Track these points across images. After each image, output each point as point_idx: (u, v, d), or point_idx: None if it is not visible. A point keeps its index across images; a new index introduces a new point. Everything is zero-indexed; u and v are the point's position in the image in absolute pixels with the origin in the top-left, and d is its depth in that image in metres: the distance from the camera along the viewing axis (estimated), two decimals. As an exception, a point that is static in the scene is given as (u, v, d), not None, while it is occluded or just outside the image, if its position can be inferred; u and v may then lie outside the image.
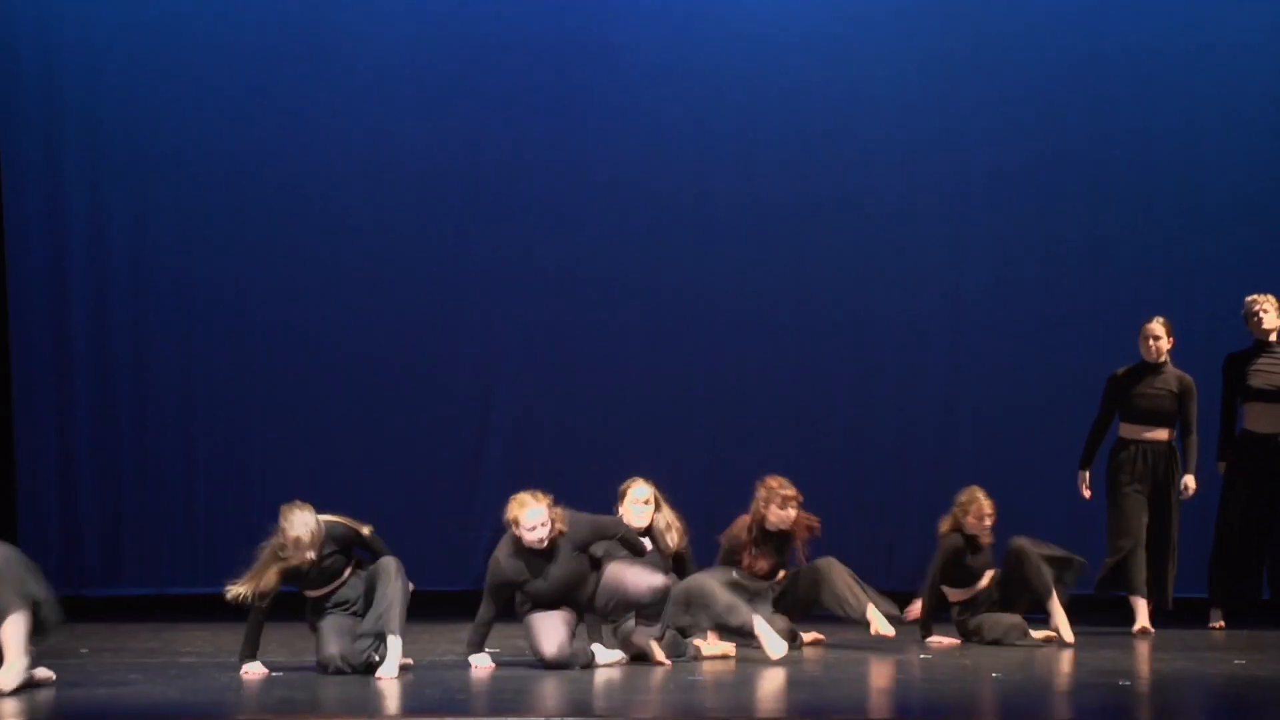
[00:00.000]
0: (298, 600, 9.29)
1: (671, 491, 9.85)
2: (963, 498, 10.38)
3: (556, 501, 9.10)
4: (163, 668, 9.20)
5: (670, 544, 9.64)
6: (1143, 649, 10.33)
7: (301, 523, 8.92)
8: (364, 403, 12.31)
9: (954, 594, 10.53)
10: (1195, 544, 11.41)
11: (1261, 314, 11.10)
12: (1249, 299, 11.13)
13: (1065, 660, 9.72)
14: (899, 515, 12.22)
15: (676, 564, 9.73)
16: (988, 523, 10.38)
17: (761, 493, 10.03)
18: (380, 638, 8.81)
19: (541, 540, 9.02)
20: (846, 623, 10.28)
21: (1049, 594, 10.26)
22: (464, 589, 12.32)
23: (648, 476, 9.74)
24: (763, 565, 10.10)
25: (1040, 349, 12.43)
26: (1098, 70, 12.48)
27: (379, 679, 8.65)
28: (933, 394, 12.27)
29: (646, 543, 9.49)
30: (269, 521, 12.19)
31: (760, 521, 10.05)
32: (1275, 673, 9.20)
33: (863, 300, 12.49)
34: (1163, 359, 10.96)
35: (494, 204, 12.52)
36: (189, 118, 12.38)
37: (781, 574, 10.18)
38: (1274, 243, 12.25)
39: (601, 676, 8.81)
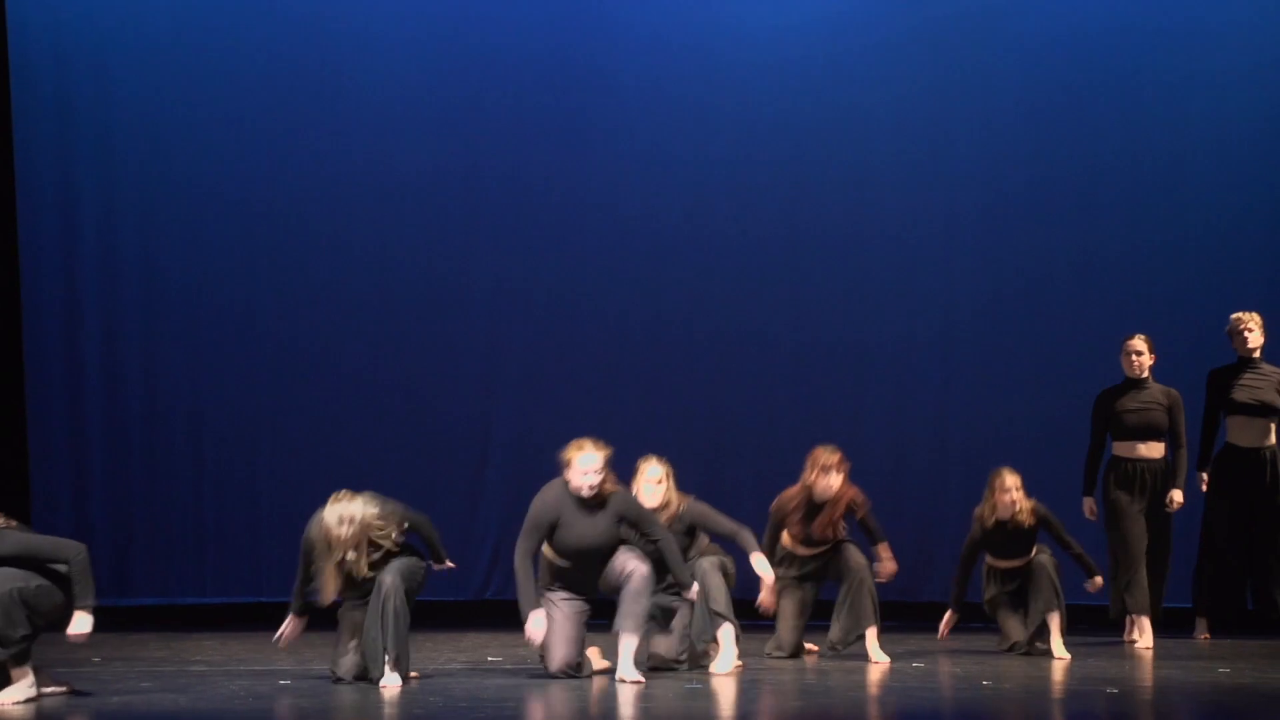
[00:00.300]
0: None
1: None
2: (991, 480, 10.45)
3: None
4: (173, 676, 9.26)
5: (673, 509, 9.59)
6: (1131, 659, 10.35)
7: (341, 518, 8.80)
8: (369, 420, 12.37)
9: (996, 563, 10.60)
10: (1180, 555, 11.45)
11: (1246, 332, 11.12)
12: (1234, 316, 11.16)
13: (1055, 669, 9.75)
14: (892, 534, 12.23)
15: (689, 531, 9.66)
16: (1009, 498, 10.36)
17: (808, 462, 10.03)
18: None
19: (591, 489, 8.94)
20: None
21: (1050, 610, 10.35)
22: (466, 599, 12.46)
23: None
24: (811, 533, 10.08)
25: (1031, 369, 12.43)
26: (1086, 98, 12.53)
27: (383, 687, 8.73)
28: (925, 414, 12.27)
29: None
30: (273, 535, 12.35)
31: (808, 490, 10.05)
32: (1259, 680, 9.25)
33: (857, 322, 12.49)
34: (1145, 374, 10.98)
35: (495, 228, 12.60)
36: (199, 143, 12.46)
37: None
38: (1257, 264, 12.29)
39: (602, 686, 8.84)
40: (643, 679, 8.94)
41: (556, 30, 12.60)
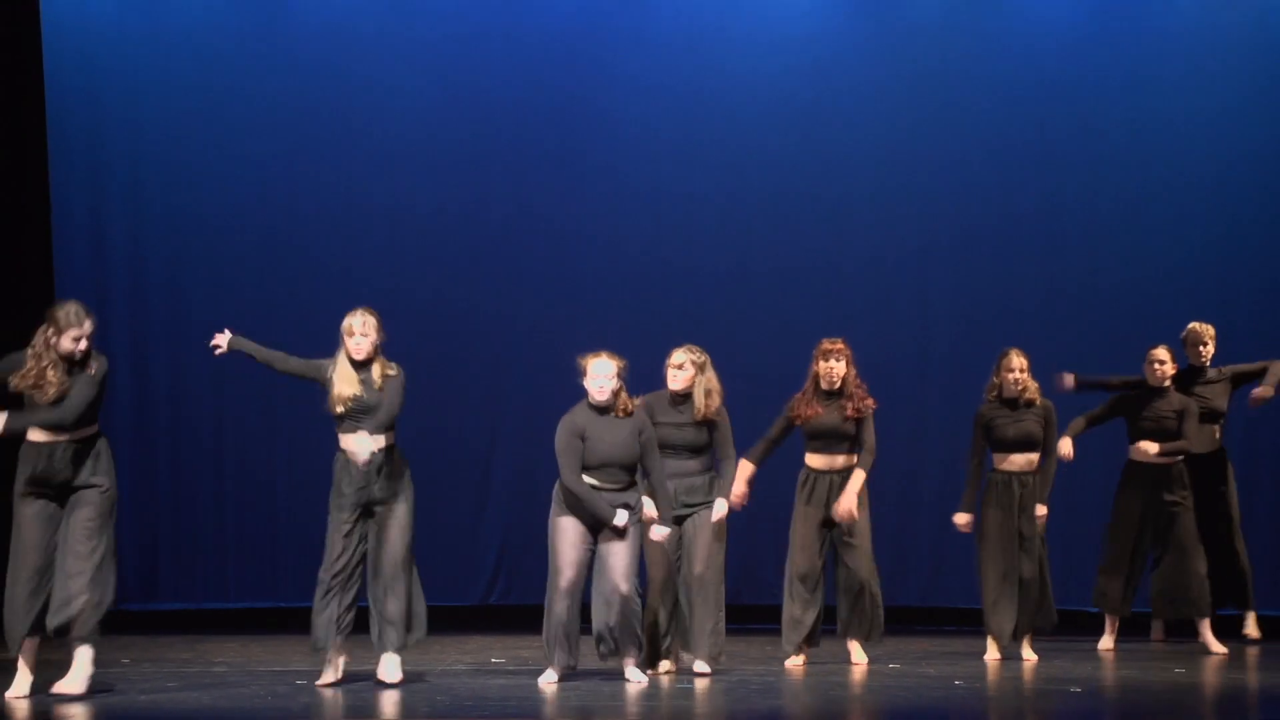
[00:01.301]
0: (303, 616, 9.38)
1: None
2: (998, 359, 10.48)
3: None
4: (197, 676, 9.34)
5: (701, 408, 9.55)
6: (1094, 659, 10.41)
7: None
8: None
9: (1002, 463, 10.48)
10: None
11: (1158, 365, 10.95)
12: (1153, 351, 11.02)
13: (1022, 670, 9.86)
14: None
15: (709, 429, 9.61)
16: (1012, 377, 10.38)
17: (814, 354, 10.07)
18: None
19: (602, 391, 9.04)
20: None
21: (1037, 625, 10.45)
22: (472, 604, 12.56)
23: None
24: (820, 415, 10.01)
25: None
26: (1052, 137, 12.64)
27: (385, 683, 8.83)
28: (900, 434, 12.09)
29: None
30: (292, 544, 12.41)
31: (814, 378, 10.05)
32: (1211, 680, 9.49)
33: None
34: (1167, 383, 10.90)
35: (499, 254, 12.72)
36: (221, 177, 12.59)
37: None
38: (1211, 299, 12.32)
39: (605, 685, 8.94)
40: (645, 679, 9.06)
41: (556, 74, 12.69)
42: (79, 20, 12.55)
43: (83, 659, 8.56)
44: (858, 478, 9.95)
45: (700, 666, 9.42)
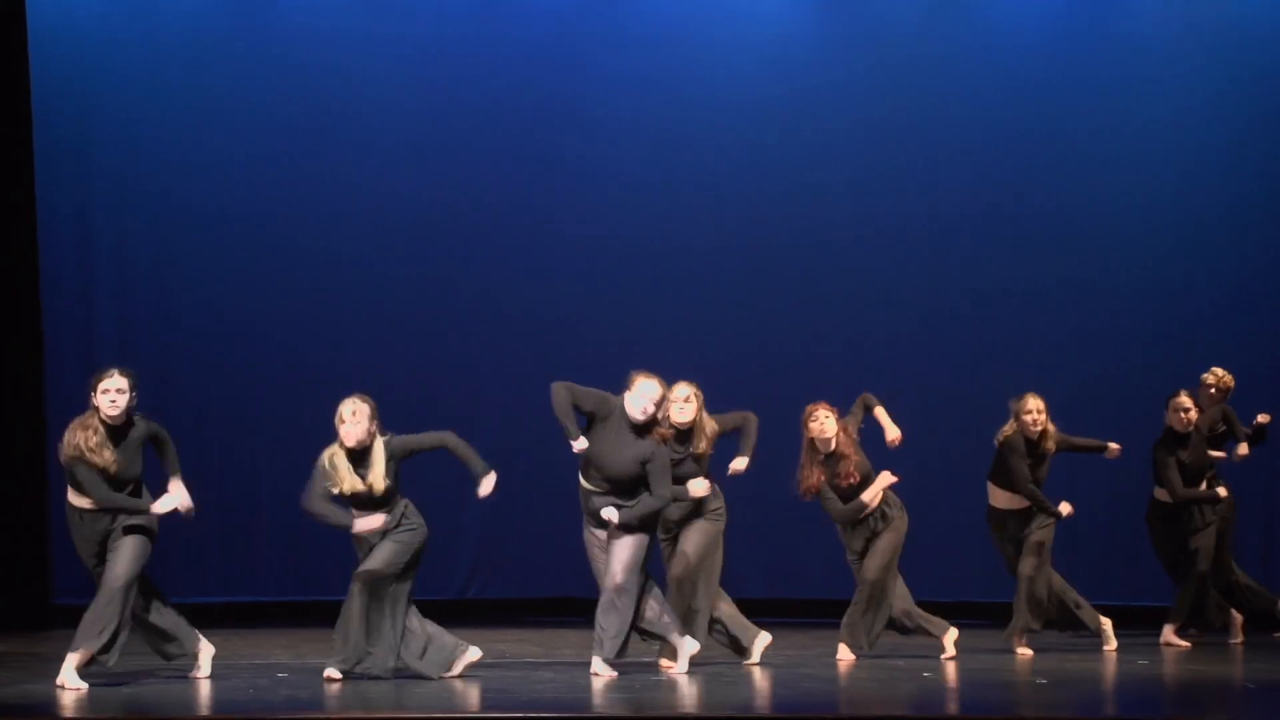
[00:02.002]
0: (292, 608, 9.35)
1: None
2: (1015, 404, 10.48)
3: None
4: (178, 670, 9.30)
5: (703, 446, 9.60)
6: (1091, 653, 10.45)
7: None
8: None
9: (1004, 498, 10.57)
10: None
11: (1184, 413, 10.95)
12: (1177, 399, 10.99)
13: (996, 660, 9.99)
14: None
15: (696, 460, 9.63)
16: (1029, 419, 10.39)
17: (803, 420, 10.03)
18: None
19: (644, 414, 9.12)
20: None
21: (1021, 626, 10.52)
22: (450, 598, 12.57)
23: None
24: (839, 485, 10.00)
25: (968, 383, 12.52)
26: (1019, 137, 12.76)
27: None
28: (869, 425, 12.32)
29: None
30: (274, 539, 12.45)
31: (809, 443, 10.02)
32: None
33: (811, 339, 12.65)
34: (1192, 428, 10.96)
35: (479, 248, 12.76)
36: (207, 173, 12.60)
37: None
38: (1176, 297, 12.46)
39: (592, 679, 8.96)
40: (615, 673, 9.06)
41: (538, 72, 12.74)
42: (65, 18, 12.55)
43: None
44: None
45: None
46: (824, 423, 9.93)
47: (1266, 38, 12.76)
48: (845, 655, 10.05)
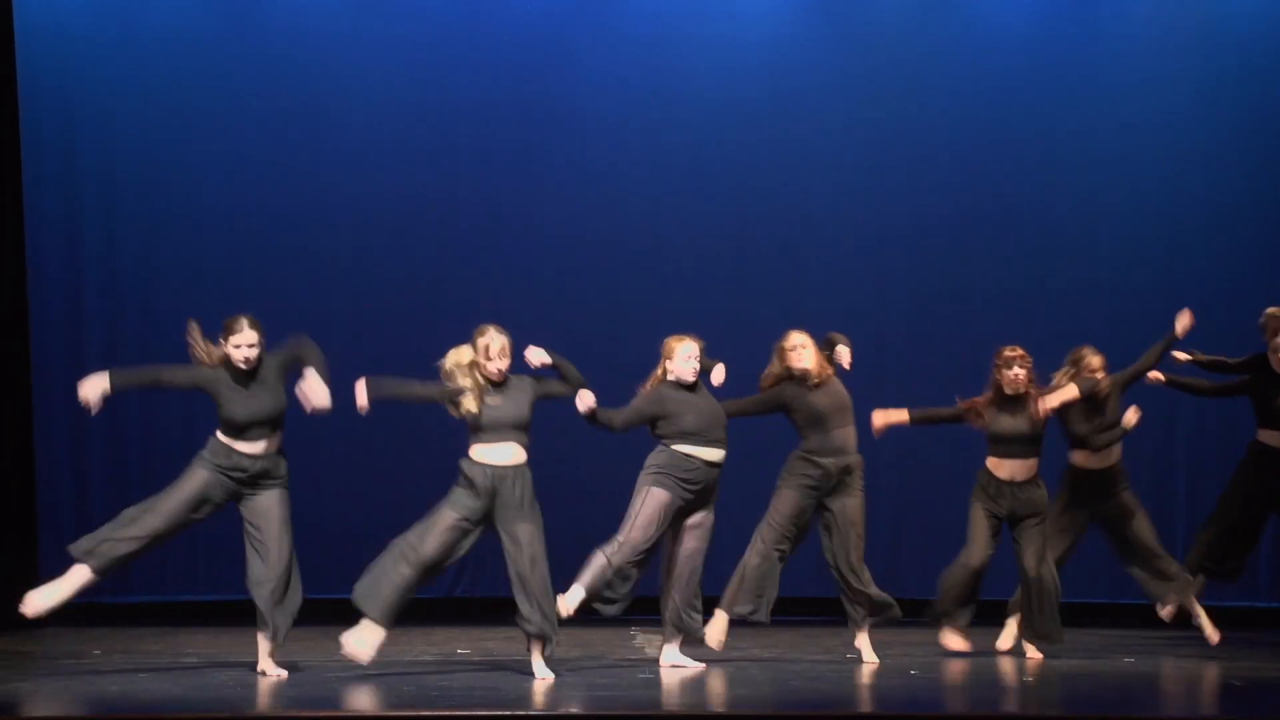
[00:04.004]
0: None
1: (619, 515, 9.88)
2: (1073, 357, 10.31)
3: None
4: (168, 668, 9.33)
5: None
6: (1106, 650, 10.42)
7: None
8: (350, 427, 12.38)
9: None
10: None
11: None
12: None
13: (976, 660, 9.90)
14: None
15: None
16: (1099, 373, 10.24)
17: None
18: None
19: (695, 371, 9.40)
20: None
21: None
22: (438, 596, 12.49)
23: (603, 483, 9.69)
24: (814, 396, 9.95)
25: (954, 381, 12.44)
26: (1004, 138, 12.69)
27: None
28: (859, 425, 12.28)
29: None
30: None
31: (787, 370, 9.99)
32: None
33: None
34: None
35: (465, 248, 12.69)
36: (193, 175, 12.51)
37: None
38: (1160, 298, 12.36)
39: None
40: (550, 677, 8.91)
41: (523, 73, 12.66)
42: (51, 19, 12.46)
43: None
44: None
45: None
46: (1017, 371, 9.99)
47: (1252, 38, 12.72)
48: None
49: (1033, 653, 10.00)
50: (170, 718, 7.66)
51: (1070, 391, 10.08)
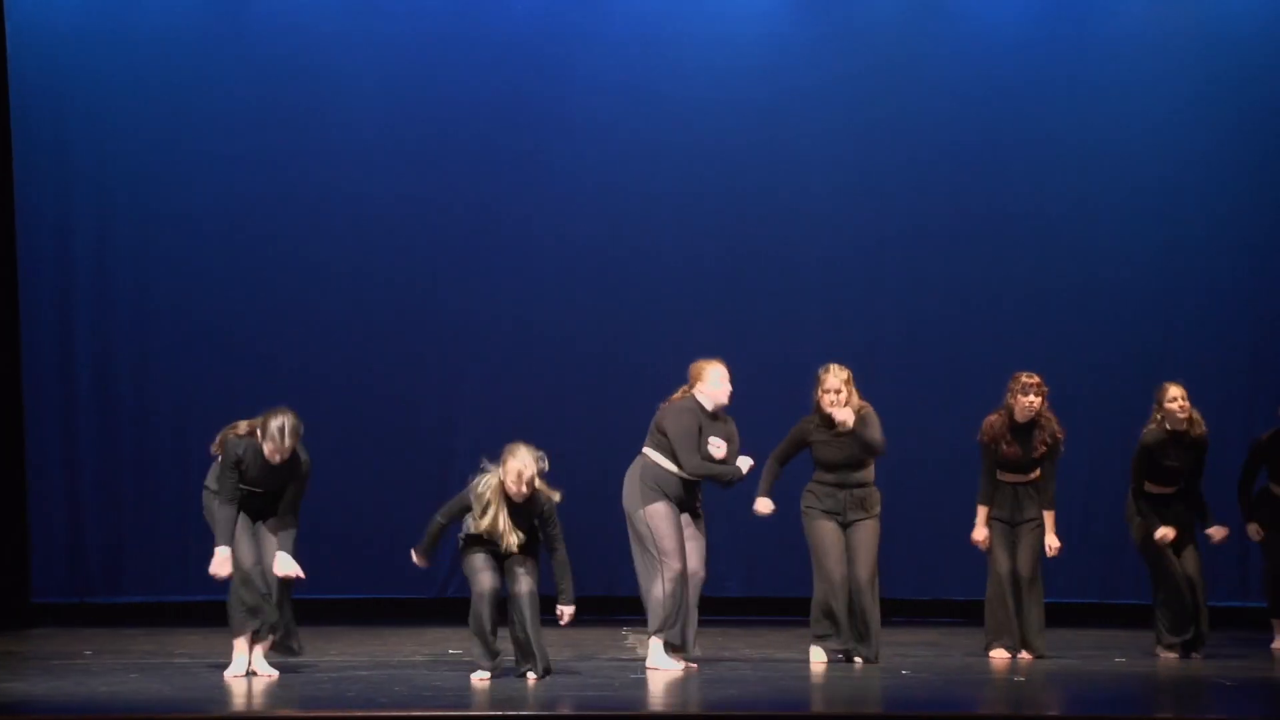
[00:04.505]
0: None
1: (611, 517, 9.83)
2: (1159, 394, 10.10)
3: None
4: (159, 667, 9.33)
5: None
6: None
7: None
8: (341, 430, 12.35)
9: (1152, 487, 10.16)
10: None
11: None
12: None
13: (968, 659, 9.89)
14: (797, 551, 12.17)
15: None
16: (1175, 406, 10.00)
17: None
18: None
19: (730, 396, 9.46)
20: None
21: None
22: (429, 597, 12.47)
23: (596, 485, 9.65)
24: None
25: (949, 385, 12.47)
26: (998, 139, 12.69)
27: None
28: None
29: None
30: None
31: (820, 414, 9.86)
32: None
33: (788, 342, 12.52)
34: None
35: (458, 252, 12.65)
36: (186, 176, 12.47)
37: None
38: (1155, 300, 12.40)
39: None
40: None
41: (515, 74, 12.63)
42: (43, 22, 12.42)
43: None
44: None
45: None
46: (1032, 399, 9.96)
47: (1247, 40, 12.70)
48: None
49: (1024, 654, 9.99)
50: (161, 718, 7.61)
51: None
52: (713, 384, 9.42)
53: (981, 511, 10.13)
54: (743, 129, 12.68)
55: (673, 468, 9.36)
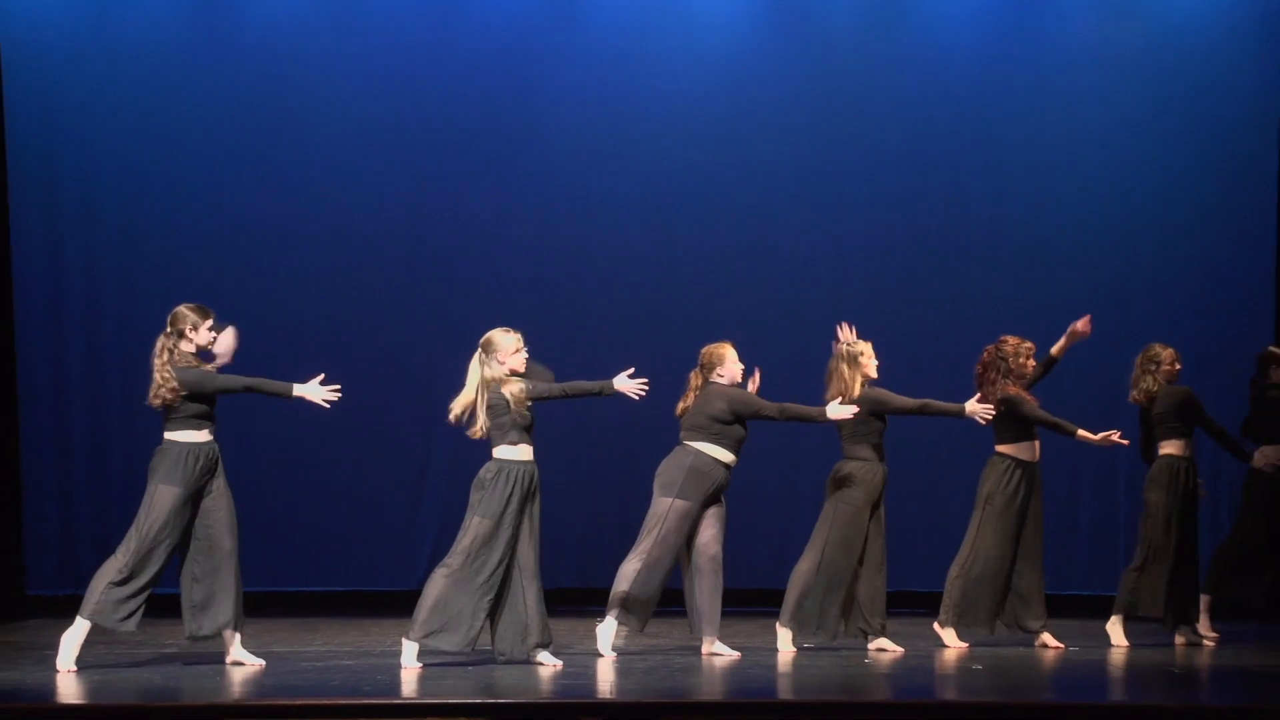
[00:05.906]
0: (270, 598, 9.30)
1: (593, 519, 9.81)
2: (1148, 354, 10.25)
3: None
4: (148, 657, 9.37)
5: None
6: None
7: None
8: (324, 430, 12.35)
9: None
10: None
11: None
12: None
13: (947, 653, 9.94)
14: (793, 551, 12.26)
15: None
16: (1178, 367, 10.24)
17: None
18: None
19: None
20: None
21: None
22: (411, 589, 12.52)
23: (573, 497, 9.71)
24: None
25: (911, 392, 12.52)
26: (955, 154, 12.77)
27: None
28: (813, 440, 11.98)
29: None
30: (240, 531, 12.35)
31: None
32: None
33: (757, 350, 12.41)
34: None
35: (433, 262, 12.74)
36: (172, 187, 12.55)
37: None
38: (1106, 313, 12.38)
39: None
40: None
41: (489, 85, 12.71)
42: (32, 30, 12.47)
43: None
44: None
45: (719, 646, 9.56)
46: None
47: (1198, 57, 12.77)
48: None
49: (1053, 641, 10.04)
50: (152, 706, 7.68)
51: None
52: (732, 364, 9.75)
53: (1081, 431, 10.03)
54: (709, 140, 12.76)
55: (725, 457, 9.51)
